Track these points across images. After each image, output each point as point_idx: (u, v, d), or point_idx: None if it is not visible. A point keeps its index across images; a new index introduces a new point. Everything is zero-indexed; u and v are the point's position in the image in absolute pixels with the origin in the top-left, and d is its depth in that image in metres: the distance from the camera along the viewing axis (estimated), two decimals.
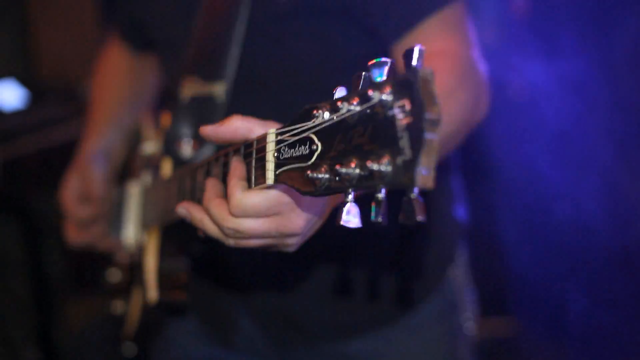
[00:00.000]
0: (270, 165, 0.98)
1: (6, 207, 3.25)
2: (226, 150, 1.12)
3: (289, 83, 1.44)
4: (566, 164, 2.62)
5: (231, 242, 1.08)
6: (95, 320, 3.51)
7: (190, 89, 1.46)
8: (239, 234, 1.04)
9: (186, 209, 1.15)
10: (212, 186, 1.10)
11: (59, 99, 3.22)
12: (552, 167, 2.61)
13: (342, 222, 0.88)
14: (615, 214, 2.59)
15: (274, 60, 1.44)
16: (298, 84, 1.43)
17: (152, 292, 1.50)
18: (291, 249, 1.09)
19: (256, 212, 1.01)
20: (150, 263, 1.52)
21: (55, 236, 3.55)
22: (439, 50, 1.31)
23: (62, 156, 3.21)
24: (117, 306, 1.77)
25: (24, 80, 3.21)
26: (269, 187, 1.00)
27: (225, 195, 1.07)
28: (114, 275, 1.79)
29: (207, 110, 1.41)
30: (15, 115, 3.08)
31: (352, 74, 1.20)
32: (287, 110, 1.22)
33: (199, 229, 1.13)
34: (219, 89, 1.41)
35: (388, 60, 0.85)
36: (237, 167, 1.05)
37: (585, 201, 2.56)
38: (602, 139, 2.56)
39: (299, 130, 0.93)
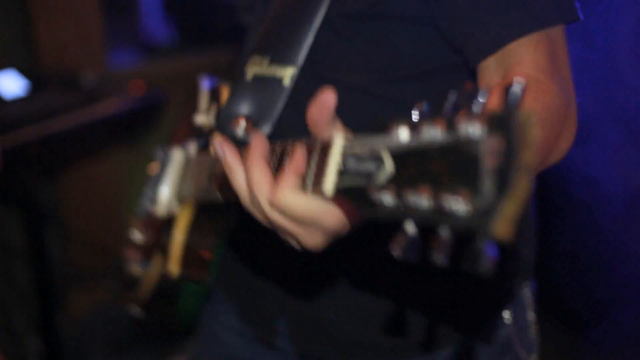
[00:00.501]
0: (330, 174, 0.90)
1: (8, 195, 3.25)
2: (284, 145, 1.04)
3: (357, 84, 1.35)
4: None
5: (249, 206, 1.04)
6: (97, 308, 3.54)
7: (255, 68, 1.39)
8: (261, 210, 1.01)
9: (223, 149, 1.06)
10: (259, 143, 1.02)
11: (60, 88, 3.22)
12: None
13: (395, 254, 0.81)
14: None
15: (344, 58, 1.35)
16: (365, 87, 1.35)
17: (175, 267, 1.46)
18: (289, 244, 1.05)
19: (291, 214, 0.96)
20: (178, 237, 1.48)
21: (57, 224, 3.57)
22: (525, 78, 1.15)
23: (64, 145, 3.23)
24: (133, 268, 1.71)
25: (25, 71, 3.20)
26: (323, 197, 0.93)
27: (269, 160, 1.02)
28: (136, 236, 1.73)
29: (269, 93, 1.34)
30: (16, 103, 3.07)
31: (430, 89, 1.09)
32: (352, 111, 1.14)
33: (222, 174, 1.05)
34: (287, 74, 1.34)
35: (484, 89, 0.77)
36: (299, 157, 0.96)
37: (594, 183, 2.52)
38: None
39: (371, 144, 0.85)
